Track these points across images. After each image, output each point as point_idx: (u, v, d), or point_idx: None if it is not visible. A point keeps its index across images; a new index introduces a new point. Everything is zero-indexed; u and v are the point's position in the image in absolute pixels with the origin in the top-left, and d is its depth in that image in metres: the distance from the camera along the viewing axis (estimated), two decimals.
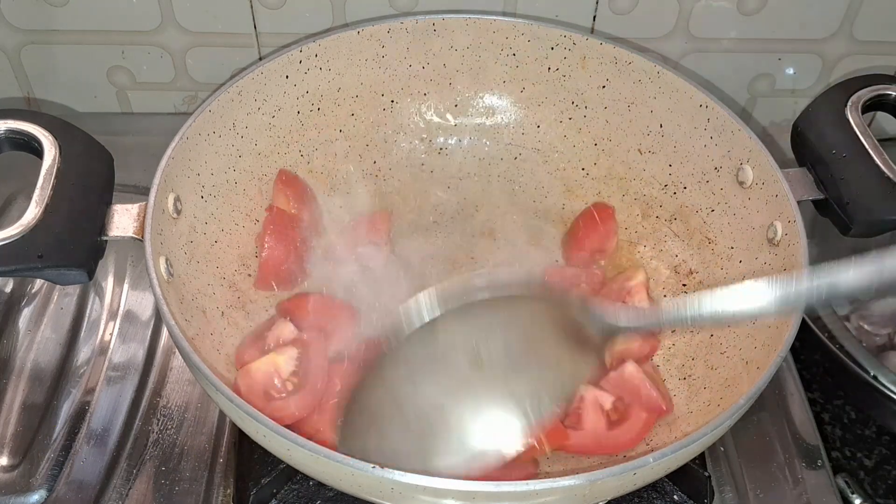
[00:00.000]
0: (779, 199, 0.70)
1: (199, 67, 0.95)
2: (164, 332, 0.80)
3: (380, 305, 0.70)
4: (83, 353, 0.78)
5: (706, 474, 0.70)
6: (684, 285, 0.78)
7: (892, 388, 0.76)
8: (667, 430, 0.68)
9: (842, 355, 0.77)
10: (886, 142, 0.77)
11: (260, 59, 0.94)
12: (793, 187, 0.69)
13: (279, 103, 0.79)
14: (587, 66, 0.82)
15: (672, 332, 0.73)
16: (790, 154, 0.74)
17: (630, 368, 0.69)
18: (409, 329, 0.59)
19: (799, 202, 0.69)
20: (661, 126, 0.80)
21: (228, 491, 0.70)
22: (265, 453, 0.64)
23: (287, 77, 0.78)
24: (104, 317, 0.81)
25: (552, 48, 0.82)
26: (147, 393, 0.76)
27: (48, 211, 0.60)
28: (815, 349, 0.87)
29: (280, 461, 0.66)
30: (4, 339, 0.78)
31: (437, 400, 0.58)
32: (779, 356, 0.61)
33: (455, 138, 0.87)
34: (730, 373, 0.69)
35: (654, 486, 0.70)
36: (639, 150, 0.83)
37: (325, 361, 0.68)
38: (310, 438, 0.53)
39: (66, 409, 0.74)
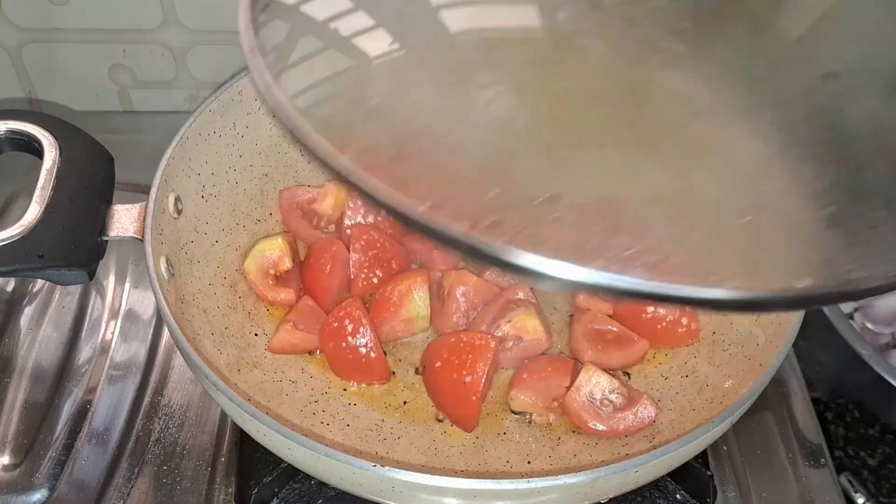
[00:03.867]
0: None
1: (200, 66, 0.95)
2: (166, 331, 0.80)
3: None
4: (85, 352, 0.78)
5: (709, 473, 0.70)
6: None
7: None
8: (669, 427, 0.68)
9: (847, 353, 0.77)
10: None
11: None
12: None
13: None
14: None
15: None
16: None
17: None
18: None
19: None
20: None
21: (230, 490, 0.70)
22: (266, 452, 0.64)
23: None
24: (106, 316, 0.81)
25: None
26: (149, 392, 0.76)
27: (49, 211, 0.60)
28: (818, 347, 0.87)
29: (281, 460, 0.66)
30: (6, 338, 0.79)
31: None
32: (781, 353, 0.61)
33: None
34: (732, 370, 0.69)
35: (656, 486, 0.70)
36: None
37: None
38: None
39: (67, 408, 0.74)
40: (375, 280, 0.75)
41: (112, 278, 0.84)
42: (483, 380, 0.67)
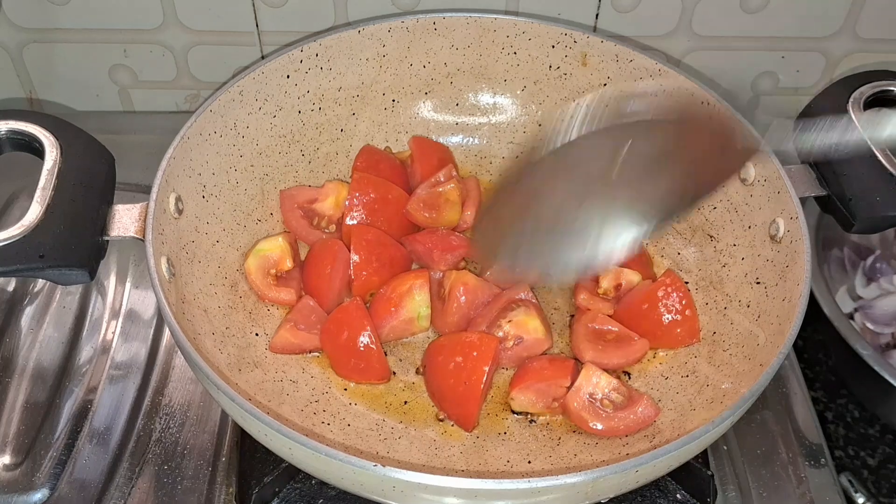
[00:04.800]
0: (781, 195, 0.70)
1: (200, 66, 0.95)
2: (167, 331, 0.80)
3: None
4: (85, 351, 0.78)
5: (709, 473, 0.70)
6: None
7: None
8: (669, 427, 0.68)
9: (847, 353, 0.77)
10: None
11: (262, 57, 0.94)
12: (795, 184, 0.69)
13: (280, 103, 0.79)
14: (588, 64, 0.82)
15: None
16: (794, 152, 0.74)
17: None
18: (557, 142, 0.62)
19: (801, 199, 0.69)
20: None
21: (231, 489, 0.70)
22: (267, 452, 0.64)
23: (288, 77, 0.78)
24: (106, 316, 0.81)
25: (553, 46, 0.82)
26: (149, 392, 0.76)
27: (49, 211, 0.60)
28: (818, 347, 0.87)
29: (282, 460, 0.66)
30: (7, 338, 0.79)
31: (566, 204, 0.63)
32: (781, 353, 0.61)
33: (456, 137, 0.87)
34: (732, 370, 0.69)
35: (657, 485, 0.70)
36: None
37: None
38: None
39: (68, 408, 0.74)
40: (376, 280, 0.75)
41: (113, 278, 0.84)
42: (483, 380, 0.67)
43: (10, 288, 0.82)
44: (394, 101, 0.85)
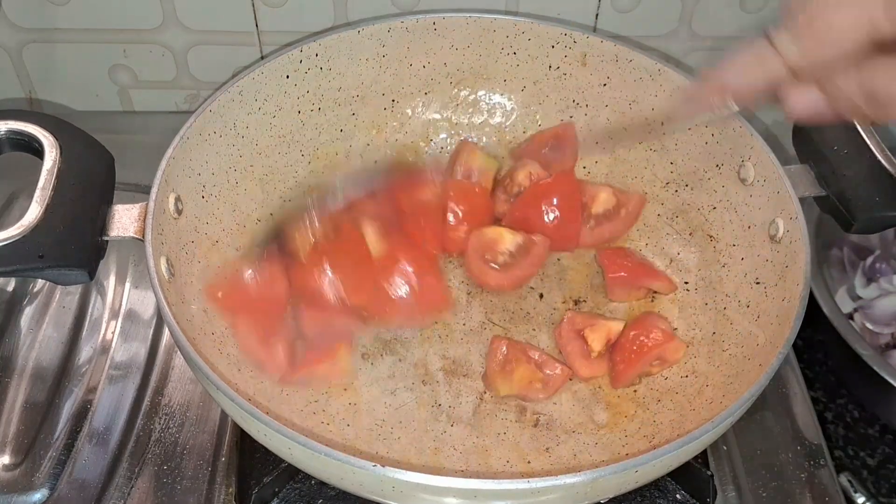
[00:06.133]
0: (780, 195, 0.70)
1: (200, 66, 0.95)
2: (166, 331, 0.80)
3: None
4: (85, 351, 0.78)
5: (709, 473, 0.70)
6: (686, 283, 0.78)
7: None
8: (669, 427, 0.68)
9: (847, 353, 0.77)
10: None
11: (262, 57, 0.94)
12: (794, 184, 0.69)
13: (280, 103, 0.79)
14: (588, 64, 0.82)
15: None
16: (794, 152, 0.74)
17: None
18: None
19: (801, 199, 0.69)
20: (662, 124, 0.80)
21: (230, 490, 0.70)
22: (267, 452, 0.64)
23: (288, 77, 0.78)
24: (106, 316, 0.81)
25: (553, 46, 0.82)
26: (149, 392, 0.76)
27: (49, 211, 0.60)
28: (818, 347, 0.87)
29: (282, 460, 0.66)
30: (6, 338, 0.79)
31: None
32: (781, 353, 0.61)
33: (456, 137, 0.87)
34: (732, 370, 0.69)
35: (656, 485, 0.70)
36: (640, 147, 0.82)
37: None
38: None
39: (67, 408, 0.74)
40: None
41: (112, 278, 0.84)
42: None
43: (10, 288, 0.82)
44: (394, 101, 0.85)
